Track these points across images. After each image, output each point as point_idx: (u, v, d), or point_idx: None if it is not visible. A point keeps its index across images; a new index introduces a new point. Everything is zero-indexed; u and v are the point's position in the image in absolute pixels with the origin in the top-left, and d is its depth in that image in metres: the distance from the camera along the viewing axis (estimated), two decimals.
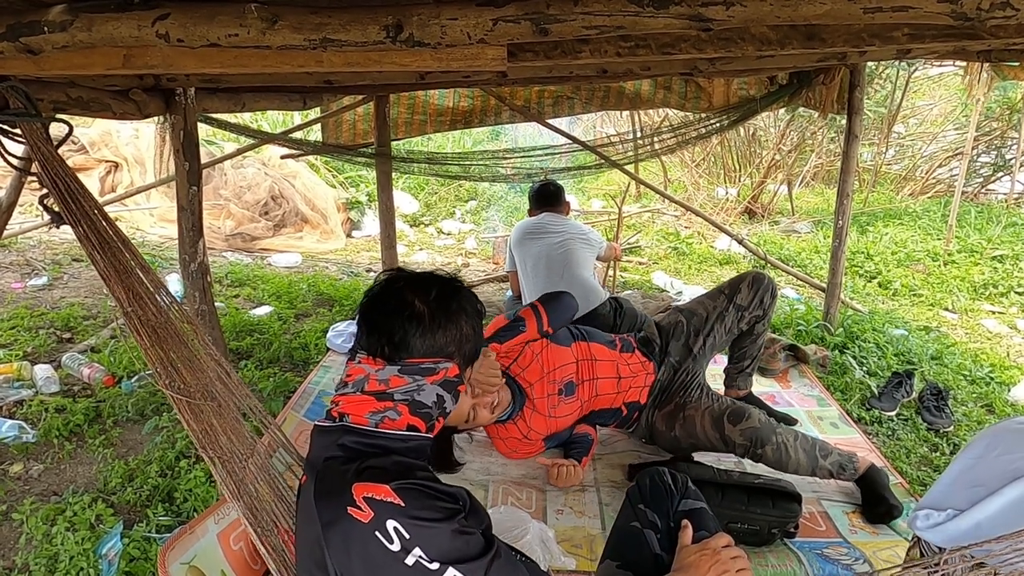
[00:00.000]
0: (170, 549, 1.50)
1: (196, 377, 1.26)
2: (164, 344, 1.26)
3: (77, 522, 1.91)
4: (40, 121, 1.34)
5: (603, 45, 1.64)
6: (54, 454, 2.25)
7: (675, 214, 6.43)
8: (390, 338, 1.05)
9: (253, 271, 4.44)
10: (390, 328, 1.05)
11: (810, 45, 1.58)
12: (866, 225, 6.24)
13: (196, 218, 2.38)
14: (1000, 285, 4.71)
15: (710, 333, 2.38)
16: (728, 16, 1.10)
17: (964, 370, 3.23)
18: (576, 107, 4.01)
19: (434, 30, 1.17)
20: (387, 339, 1.05)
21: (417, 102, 3.93)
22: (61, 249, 4.54)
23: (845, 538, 1.95)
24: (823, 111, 3.44)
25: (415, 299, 1.07)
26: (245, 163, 5.65)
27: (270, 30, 1.19)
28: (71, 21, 1.24)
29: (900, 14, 1.08)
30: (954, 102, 7.84)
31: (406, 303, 1.07)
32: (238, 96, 2.78)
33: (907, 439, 2.58)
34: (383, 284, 1.12)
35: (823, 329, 3.49)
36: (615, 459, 2.34)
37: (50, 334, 3.14)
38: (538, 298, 2.27)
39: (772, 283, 2.42)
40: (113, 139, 5.68)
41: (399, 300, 1.07)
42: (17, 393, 2.54)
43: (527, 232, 3.36)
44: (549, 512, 2.04)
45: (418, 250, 5.57)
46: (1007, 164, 7.47)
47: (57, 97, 1.80)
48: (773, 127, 7.22)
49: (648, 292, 4.27)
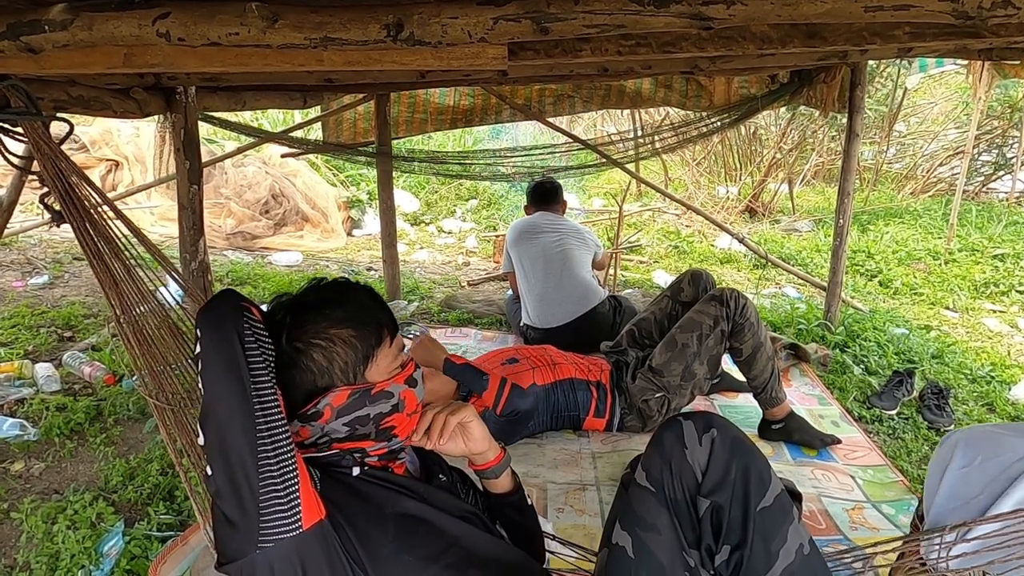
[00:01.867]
0: (162, 563, 1.50)
1: (187, 384, 1.26)
2: (157, 350, 1.26)
3: (78, 520, 1.91)
4: (41, 120, 1.34)
5: (604, 44, 1.64)
6: (55, 452, 2.25)
7: (676, 213, 6.43)
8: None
9: (254, 270, 4.45)
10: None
11: (811, 44, 1.58)
12: (867, 224, 6.23)
13: (197, 217, 2.39)
14: (1001, 284, 4.71)
15: (663, 335, 2.50)
16: (729, 15, 1.10)
17: (965, 369, 3.23)
18: (577, 106, 4.01)
19: (435, 29, 1.17)
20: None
21: (418, 101, 3.92)
22: (62, 248, 4.54)
23: (845, 535, 1.95)
24: (824, 110, 3.44)
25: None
26: (246, 162, 5.65)
27: (270, 29, 1.18)
28: (72, 20, 1.24)
29: (901, 13, 1.08)
30: (955, 101, 7.83)
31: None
32: (239, 95, 2.78)
33: (908, 438, 2.58)
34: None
35: (824, 328, 3.49)
36: (615, 458, 2.34)
37: (51, 333, 3.14)
38: (513, 392, 2.26)
39: (710, 276, 2.62)
40: (114, 138, 5.68)
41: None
42: (18, 391, 2.54)
43: (524, 232, 3.36)
44: (550, 510, 2.04)
45: (419, 249, 5.57)
46: (1008, 163, 7.47)
47: (58, 96, 1.80)
48: (774, 125, 7.21)
49: (648, 291, 4.27)
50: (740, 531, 1.06)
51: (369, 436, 1.06)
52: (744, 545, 1.06)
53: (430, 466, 1.26)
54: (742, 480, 1.08)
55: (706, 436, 1.11)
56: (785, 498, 1.10)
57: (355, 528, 0.98)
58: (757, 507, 1.07)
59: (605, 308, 3.18)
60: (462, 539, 1.09)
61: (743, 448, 1.12)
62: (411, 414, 1.11)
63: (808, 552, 1.08)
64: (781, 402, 2.42)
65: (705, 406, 2.74)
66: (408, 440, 1.13)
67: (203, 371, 0.93)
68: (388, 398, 1.06)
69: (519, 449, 2.36)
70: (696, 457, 1.10)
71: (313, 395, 1.03)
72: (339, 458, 1.06)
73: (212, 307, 0.99)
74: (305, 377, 1.03)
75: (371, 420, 1.05)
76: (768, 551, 1.05)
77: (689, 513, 1.09)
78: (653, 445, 1.16)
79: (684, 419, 1.15)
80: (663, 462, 1.12)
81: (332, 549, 0.94)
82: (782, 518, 1.08)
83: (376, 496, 1.05)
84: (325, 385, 1.03)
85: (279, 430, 0.92)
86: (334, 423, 1.03)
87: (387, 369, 1.08)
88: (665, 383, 2.38)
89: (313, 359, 1.03)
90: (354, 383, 1.04)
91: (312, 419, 1.03)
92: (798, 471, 2.28)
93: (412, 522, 1.05)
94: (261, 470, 0.89)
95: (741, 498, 1.07)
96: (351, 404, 1.04)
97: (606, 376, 2.47)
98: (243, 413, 0.90)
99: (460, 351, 3.23)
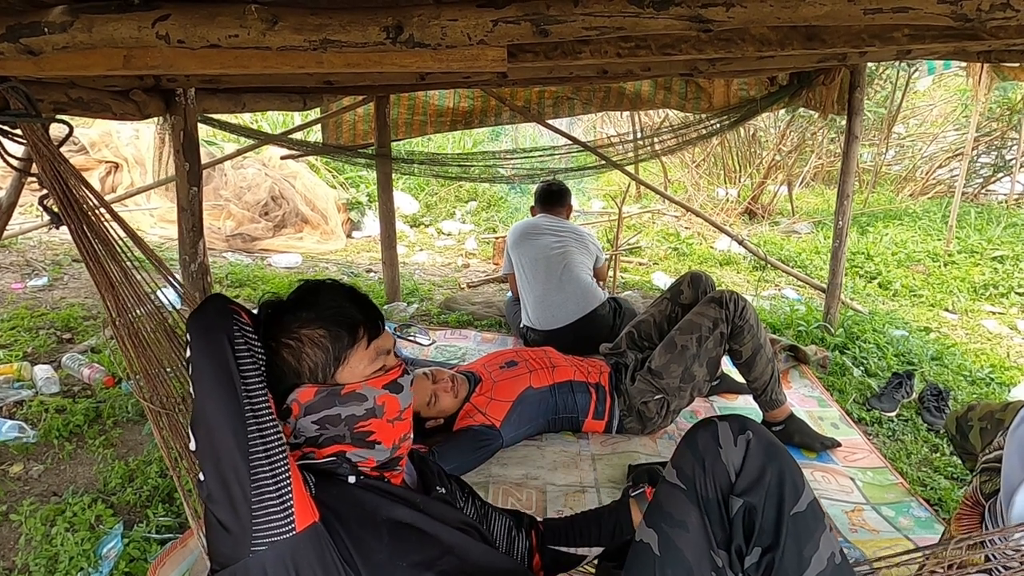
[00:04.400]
0: (161, 565, 1.50)
1: (183, 389, 1.26)
2: (153, 353, 1.26)
3: (77, 523, 1.90)
4: (40, 122, 1.34)
5: (603, 46, 1.64)
6: (54, 455, 2.24)
7: (675, 215, 6.43)
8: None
9: (253, 272, 4.44)
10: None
11: (810, 46, 1.58)
12: (866, 226, 6.24)
13: (196, 219, 2.39)
14: (1000, 286, 4.71)
15: (662, 337, 2.49)
16: (728, 17, 1.10)
17: (964, 371, 3.23)
18: (576, 108, 4.01)
19: (434, 31, 1.17)
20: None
21: (417, 103, 3.93)
22: (61, 250, 4.54)
23: (845, 537, 1.95)
24: (823, 112, 3.44)
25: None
26: (245, 164, 5.65)
27: (270, 31, 1.18)
28: (71, 22, 1.24)
29: (900, 15, 1.08)
30: (954, 103, 7.84)
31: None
32: (238, 97, 2.78)
33: (907, 440, 2.58)
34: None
35: (823, 330, 3.49)
36: (615, 459, 2.34)
37: (50, 334, 3.14)
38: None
39: (710, 279, 2.64)
40: (113, 140, 5.68)
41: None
42: (17, 393, 2.54)
43: (524, 234, 3.36)
44: (549, 512, 2.04)
45: (418, 251, 5.57)
46: (1007, 165, 7.48)
47: (57, 98, 1.80)
48: (773, 128, 7.22)
49: (648, 293, 4.27)
50: (773, 534, 1.05)
51: (344, 439, 1.05)
52: (776, 548, 1.04)
53: (429, 478, 1.26)
54: (777, 483, 1.07)
55: (741, 437, 1.10)
56: (818, 506, 1.09)
57: (349, 532, 0.98)
58: (791, 511, 1.05)
59: (605, 310, 3.18)
60: (456, 548, 1.08)
61: (778, 452, 1.11)
62: (393, 420, 1.08)
63: (839, 562, 1.06)
64: (781, 404, 2.42)
65: (705, 408, 2.74)
66: (399, 449, 1.11)
67: (194, 375, 0.93)
68: (361, 401, 1.05)
69: (519, 451, 2.36)
70: (731, 457, 1.09)
71: (286, 392, 1.04)
72: (335, 466, 1.06)
73: (202, 312, 0.99)
74: (277, 375, 1.03)
75: (343, 421, 1.05)
76: (801, 556, 1.04)
77: (720, 512, 1.07)
78: (685, 443, 1.15)
79: (719, 420, 1.14)
80: (696, 460, 1.10)
81: (326, 552, 0.94)
82: (815, 525, 1.06)
83: (371, 503, 1.04)
84: (293, 383, 1.04)
85: (271, 433, 0.92)
86: (303, 420, 1.04)
87: (362, 372, 1.07)
88: (664, 385, 2.38)
89: (283, 358, 1.04)
90: (323, 383, 1.05)
91: (285, 416, 1.04)
92: None
93: (406, 529, 1.04)
94: (253, 473, 0.89)
95: (775, 501, 1.06)
96: (318, 402, 1.04)
97: (605, 378, 2.47)
98: (234, 416, 0.90)
99: (460, 353, 3.23)
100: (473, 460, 2.20)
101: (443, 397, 2.27)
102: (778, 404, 2.41)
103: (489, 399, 2.31)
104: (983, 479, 1.48)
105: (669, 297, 2.66)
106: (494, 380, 2.37)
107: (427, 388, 2.25)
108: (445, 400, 2.28)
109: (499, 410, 2.28)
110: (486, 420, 2.26)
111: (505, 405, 2.29)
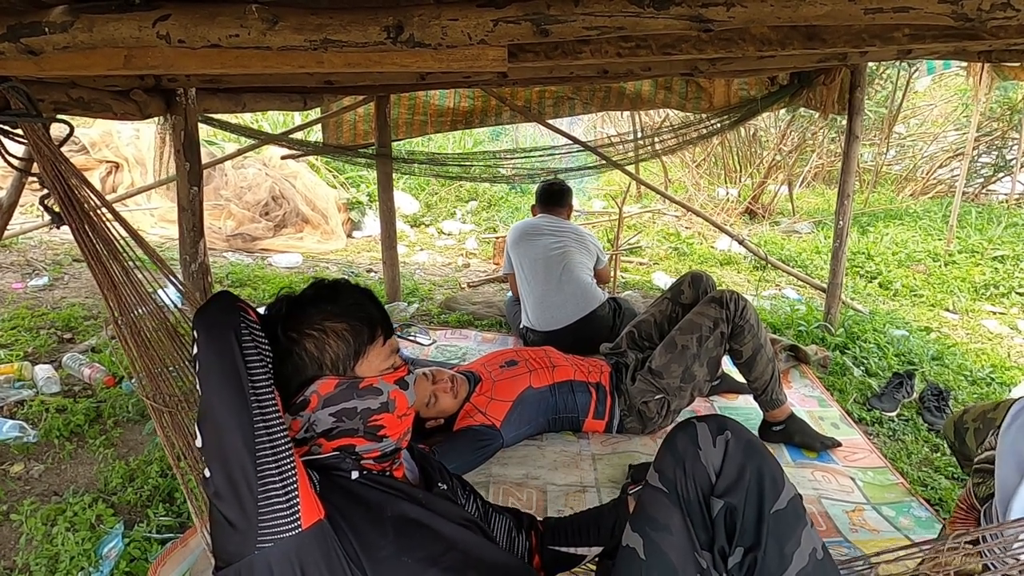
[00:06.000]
0: (161, 565, 1.50)
1: (185, 387, 1.26)
2: (155, 352, 1.26)
3: (77, 522, 1.90)
4: (41, 121, 1.34)
5: (604, 46, 1.64)
6: (55, 454, 2.25)
7: (676, 214, 6.43)
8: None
9: (254, 271, 4.44)
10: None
11: (811, 46, 1.58)
12: (867, 225, 6.24)
13: (197, 218, 2.39)
14: (1001, 286, 4.71)
15: (663, 336, 2.50)
16: (728, 17, 1.10)
17: (965, 371, 3.23)
18: (577, 107, 4.01)
19: (435, 31, 1.17)
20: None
21: (418, 102, 3.93)
22: (62, 249, 4.54)
23: (845, 537, 1.95)
24: (824, 111, 3.44)
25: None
26: (246, 163, 5.65)
27: (271, 31, 1.19)
28: (72, 22, 1.24)
29: (901, 15, 1.08)
30: (955, 102, 7.84)
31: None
32: (239, 96, 2.79)
33: (908, 440, 2.58)
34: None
35: (824, 329, 3.49)
36: (615, 459, 2.34)
37: (51, 334, 3.14)
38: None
39: (710, 278, 2.64)
40: (114, 139, 5.68)
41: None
42: (18, 393, 2.54)
43: (524, 234, 3.36)
44: (549, 512, 2.04)
45: (418, 250, 5.57)
46: (1008, 164, 7.48)
47: (58, 98, 1.80)
48: (774, 127, 7.22)
49: (648, 293, 4.27)
50: (754, 533, 1.06)
51: (357, 432, 1.07)
52: (758, 547, 1.05)
53: (430, 474, 1.26)
54: (756, 482, 1.08)
55: (720, 438, 1.11)
56: (798, 502, 1.10)
57: (354, 529, 0.98)
58: (771, 510, 1.07)
59: (605, 310, 3.18)
60: (460, 543, 1.09)
61: (757, 451, 1.12)
62: (401, 416, 1.11)
63: (821, 557, 1.07)
64: (782, 404, 2.42)
65: (705, 408, 2.74)
66: (402, 442, 1.14)
67: (200, 372, 0.93)
68: (376, 395, 1.07)
69: (519, 451, 2.36)
70: (710, 458, 1.10)
71: (303, 385, 1.05)
72: (338, 461, 1.06)
73: (208, 308, 0.99)
74: (297, 367, 1.04)
75: (358, 414, 1.06)
76: (782, 554, 1.05)
77: (702, 514, 1.09)
78: (666, 446, 1.16)
79: (698, 421, 1.15)
80: (676, 463, 1.11)
81: (331, 549, 0.94)
82: (796, 522, 1.07)
83: (375, 499, 1.05)
84: (314, 374, 1.05)
85: (277, 429, 0.92)
86: (320, 412, 1.04)
87: (378, 367, 1.09)
88: (665, 385, 2.38)
89: (305, 348, 1.05)
90: (343, 375, 1.06)
91: (300, 408, 1.04)
92: (798, 473, 2.28)
93: (411, 525, 1.05)
94: (259, 470, 0.89)
95: (755, 500, 1.07)
96: (338, 394, 1.05)
97: (605, 378, 2.47)
98: (241, 413, 0.90)
99: (460, 353, 3.24)
100: (473, 460, 2.20)
101: (443, 397, 2.27)
102: (779, 404, 2.41)
103: (489, 399, 2.31)
104: (976, 481, 1.47)
105: (670, 297, 2.66)
106: (494, 380, 2.37)
107: (426, 388, 2.25)
108: (445, 400, 2.27)
109: (499, 410, 2.29)
110: (486, 420, 2.26)
111: (505, 405, 2.30)
